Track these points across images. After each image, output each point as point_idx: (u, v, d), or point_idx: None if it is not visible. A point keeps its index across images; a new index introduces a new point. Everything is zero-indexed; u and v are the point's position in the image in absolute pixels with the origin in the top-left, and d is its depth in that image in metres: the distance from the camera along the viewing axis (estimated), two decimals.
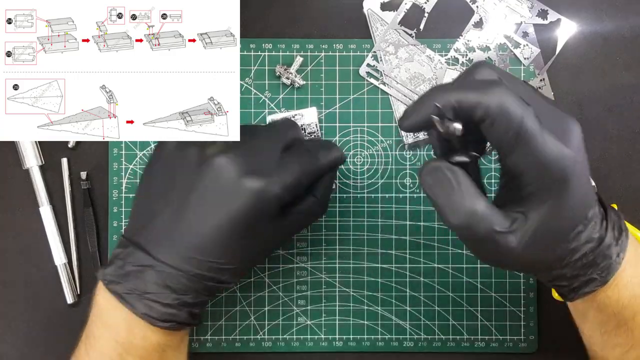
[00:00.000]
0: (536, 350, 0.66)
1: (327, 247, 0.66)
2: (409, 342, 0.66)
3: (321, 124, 0.66)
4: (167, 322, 0.51)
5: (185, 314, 0.52)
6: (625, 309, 0.52)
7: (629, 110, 0.66)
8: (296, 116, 0.65)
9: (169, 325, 0.52)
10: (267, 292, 0.66)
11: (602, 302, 0.52)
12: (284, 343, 0.66)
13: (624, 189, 0.66)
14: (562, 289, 0.52)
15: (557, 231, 0.48)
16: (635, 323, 0.52)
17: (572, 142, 0.46)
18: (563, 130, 0.46)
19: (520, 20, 0.66)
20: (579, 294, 0.51)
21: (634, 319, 0.52)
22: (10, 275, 0.66)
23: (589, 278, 0.50)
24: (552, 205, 0.47)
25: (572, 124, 0.47)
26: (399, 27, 0.66)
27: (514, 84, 0.48)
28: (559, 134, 0.46)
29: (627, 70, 0.66)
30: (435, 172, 0.47)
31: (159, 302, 0.51)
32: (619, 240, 0.50)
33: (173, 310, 0.51)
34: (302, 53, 0.66)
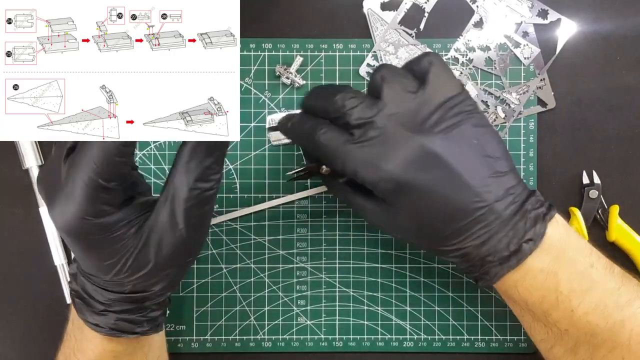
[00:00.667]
0: (536, 350, 0.66)
1: (327, 247, 0.66)
2: (409, 342, 0.66)
3: None
4: (99, 328, 0.53)
5: (117, 321, 0.53)
6: (533, 306, 0.52)
7: (629, 110, 0.66)
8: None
9: (105, 332, 0.53)
10: (267, 292, 0.66)
11: (508, 297, 0.54)
12: (284, 343, 0.66)
13: (624, 189, 0.66)
14: (467, 275, 0.57)
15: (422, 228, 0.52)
16: (550, 321, 0.52)
17: (400, 159, 0.50)
18: (394, 150, 0.50)
19: (521, 20, 0.66)
20: (478, 285, 0.54)
21: (547, 317, 0.52)
22: (10, 275, 0.66)
23: (476, 275, 0.53)
24: (401, 208, 0.52)
25: (406, 146, 0.50)
26: (399, 27, 0.66)
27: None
28: (388, 154, 0.50)
29: (627, 70, 0.66)
30: (333, 191, 0.59)
31: (90, 309, 0.53)
32: (516, 247, 0.50)
33: (101, 317, 0.52)
34: (302, 53, 0.66)
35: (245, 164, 0.66)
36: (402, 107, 0.50)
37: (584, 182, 0.65)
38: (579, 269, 0.51)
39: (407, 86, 0.51)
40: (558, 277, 0.50)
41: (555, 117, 0.66)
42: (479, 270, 0.52)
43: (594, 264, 0.51)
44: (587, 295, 0.50)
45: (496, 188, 0.50)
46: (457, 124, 0.50)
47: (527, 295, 0.51)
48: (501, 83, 0.66)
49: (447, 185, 0.49)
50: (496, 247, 0.50)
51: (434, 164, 0.49)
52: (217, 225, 0.66)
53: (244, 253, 0.66)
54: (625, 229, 0.64)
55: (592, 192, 0.65)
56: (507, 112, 0.66)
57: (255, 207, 0.66)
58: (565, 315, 0.51)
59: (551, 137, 0.66)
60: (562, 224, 0.52)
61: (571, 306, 0.51)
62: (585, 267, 0.51)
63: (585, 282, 0.51)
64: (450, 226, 0.50)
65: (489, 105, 0.66)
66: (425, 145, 0.49)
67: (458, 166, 0.49)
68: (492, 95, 0.66)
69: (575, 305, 0.50)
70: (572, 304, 0.50)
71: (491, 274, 0.51)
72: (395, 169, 0.49)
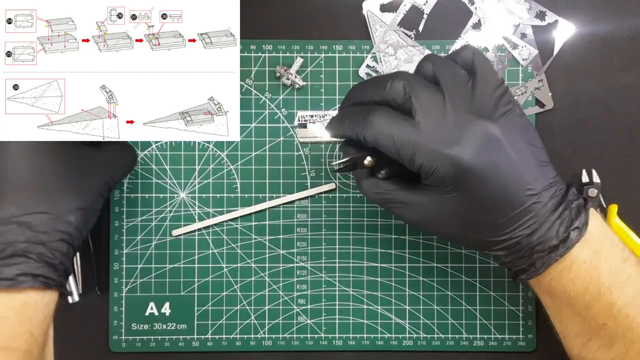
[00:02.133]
0: (534, 348, 0.66)
1: (327, 246, 0.67)
2: (408, 341, 0.66)
3: None
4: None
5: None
6: (574, 299, 0.52)
7: (626, 110, 0.66)
8: (326, 116, 0.66)
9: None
10: (268, 292, 0.67)
11: (548, 291, 0.54)
12: (284, 342, 0.66)
13: (622, 189, 0.66)
14: (509, 271, 0.55)
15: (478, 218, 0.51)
16: (590, 314, 0.52)
17: (468, 140, 0.49)
18: (459, 134, 0.49)
19: (519, 21, 0.66)
20: (520, 279, 0.53)
21: (587, 310, 0.52)
22: None
23: (522, 267, 0.52)
24: (461, 196, 0.51)
25: (472, 130, 0.49)
26: (398, 28, 0.66)
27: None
28: (454, 137, 0.49)
29: (625, 71, 0.66)
30: (368, 189, 0.55)
31: None
32: (564, 235, 0.51)
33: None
34: (302, 54, 0.66)
35: (246, 164, 0.66)
36: (461, 93, 0.51)
37: (584, 181, 0.65)
38: (616, 262, 0.51)
39: (461, 74, 0.52)
40: (599, 269, 0.51)
41: (553, 117, 0.66)
42: (526, 262, 0.52)
43: (627, 258, 0.52)
44: (624, 289, 0.51)
45: (542, 177, 0.51)
46: (509, 111, 0.51)
47: (570, 287, 0.52)
48: None
49: (505, 171, 0.50)
50: (545, 235, 0.50)
51: (496, 149, 0.50)
52: (218, 225, 0.67)
53: (244, 252, 0.67)
54: (623, 228, 0.64)
55: (592, 190, 0.65)
56: None
57: (255, 206, 0.66)
58: (606, 308, 0.51)
59: (549, 138, 0.66)
60: (598, 216, 0.53)
61: (612, 299, 0.51)
62: (621, 260, 0.52)
63: (622, 275, 0.51)
64: (503, 214, 0.50)
65: None
66: (489, 129, 0.49)
67: (514, 153, 0.50)
68: None
69: (615, 297, 0.51)
70: (613, 296, 0.51)
71: (538, 264, 0.51)
72: (461, 152, 0.49)
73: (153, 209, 0.66)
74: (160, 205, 0.66)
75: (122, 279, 0.66)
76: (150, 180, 0.66)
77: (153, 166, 0.66)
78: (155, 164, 0.66)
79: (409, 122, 0.50)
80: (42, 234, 0.50)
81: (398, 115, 0.51)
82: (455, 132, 0.49)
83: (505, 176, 0.50)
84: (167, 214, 0.66)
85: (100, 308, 0.67)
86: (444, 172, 0.49)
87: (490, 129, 0.49)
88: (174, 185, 0.66)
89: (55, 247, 0.51)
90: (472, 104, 0.50)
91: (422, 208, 0.53)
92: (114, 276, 0.66)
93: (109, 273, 0.66)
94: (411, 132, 0.50)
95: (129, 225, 0.66)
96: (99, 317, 0.66)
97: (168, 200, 0.66)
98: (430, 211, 0.53)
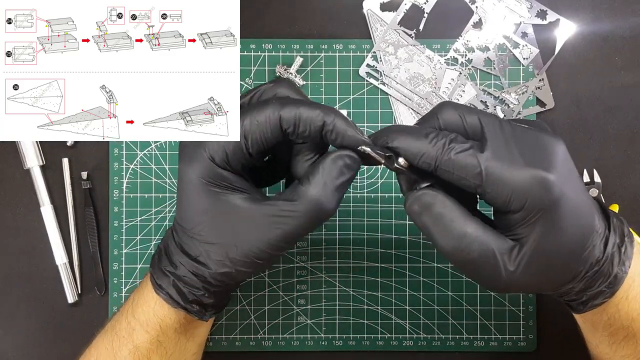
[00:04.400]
0: (535, 349, 0.66)
1: (327, 246, 0.67)
2: (409, 342, 0.66)
3: None
4: (158, 288, 0.52)
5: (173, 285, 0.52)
6: (634, 321, 0.51)
7: (627, 110, 0.66)
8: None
9: (163, 294, 0.52)
10: (267, 292, 0.66)
11: (612, 315, 0.52)
12: (284, 342, 0.66)
13: (623, 189, 0.66)
14: (571, 302, 0.52)
15: (556, 253, 0.47)
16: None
17: (555, 164, 0.46)
18: (543, 154, 0.47)
19: (520, 20, 0.66)
20: (588, 307, 0.51)
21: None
22: (12, 274, 0.67)
23: (597, 291, 0.50)
24: (543, 229, 0.46)
25: (553, 146, 0.47)
26: (399, 27, 0.66)
27: (476, 118, 0.49)
28: (537, 158, 0.46)
29: (626, 70, 0.66)
30: (420, 199, 0.48)
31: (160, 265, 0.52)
32: (623, 248, 0.49)
33: (164, 278, 0.52)
34: (302, 53, 0.66)
35: None
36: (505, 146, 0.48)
37: (585, 181, 0.65)
38: None
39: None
40: None
41: (554, 117, 0.66)
42: (587, 295, 0.50)
43: None
44: None
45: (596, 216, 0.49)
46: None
47: (633, 308, 0.51)
48: (500, 83, 0.66)
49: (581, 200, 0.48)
50: (602, 272, 0.49)
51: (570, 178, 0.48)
52: None
53: None
54: None
55: (592, 190, 0.65)
56: (506, 113, 0.66)
57: None
58: None
59: None
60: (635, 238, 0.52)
61: None
62: None
63: None
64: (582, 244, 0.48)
65: (488, 105, 0.66)
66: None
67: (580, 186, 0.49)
68: (492, 96, 0.66)
69: None
70: None
71: (599, 298, 0.50)
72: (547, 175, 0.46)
73: (152, 208, 0.66)
74: (159, 205, 0.66)
75: (121, 279, 0.66)
76: (150, 180, 0.66)
77: (153, 166, 0.66)
78: (155, 164, 0.66)
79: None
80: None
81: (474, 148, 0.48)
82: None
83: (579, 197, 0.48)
84: (166, 214, 0.66)
85: (100, 308, 0.67)
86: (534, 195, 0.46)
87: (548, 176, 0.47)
88: (173, 185, 0.66)
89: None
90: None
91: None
92: (113, 276, 0.66)
93: (109, 273, 0.66)
94: (491, 163, 0.46)
95: (129, 225, 0.66)
96: (99, 317, 0.66)
97: (168, 200, 0.66)
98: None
